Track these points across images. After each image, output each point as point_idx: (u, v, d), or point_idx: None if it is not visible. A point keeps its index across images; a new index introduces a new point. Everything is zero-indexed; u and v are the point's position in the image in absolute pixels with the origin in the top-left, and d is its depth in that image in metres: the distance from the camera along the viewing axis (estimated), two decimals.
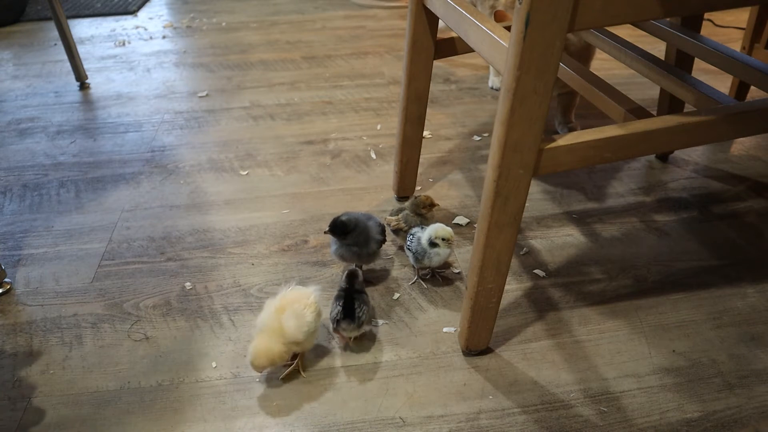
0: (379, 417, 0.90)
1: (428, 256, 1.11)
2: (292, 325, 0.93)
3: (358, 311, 0.98)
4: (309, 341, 0.97)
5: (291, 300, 0.97)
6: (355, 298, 0.99)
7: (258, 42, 2.48)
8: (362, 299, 1.00)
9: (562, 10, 0.70)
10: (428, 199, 1.22)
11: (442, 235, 1.10)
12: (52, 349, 1.03)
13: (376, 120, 1.80)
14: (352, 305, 0.98)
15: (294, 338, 0.94)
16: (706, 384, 0.95)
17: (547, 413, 0.90)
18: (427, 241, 1.10)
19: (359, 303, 0.99)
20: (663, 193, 1.43)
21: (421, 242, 1.11)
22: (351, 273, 1.03)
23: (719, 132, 0.89)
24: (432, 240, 1.10)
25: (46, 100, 1.98)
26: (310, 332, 0.95)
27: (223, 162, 1.59)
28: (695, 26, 1.35)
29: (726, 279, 1.16)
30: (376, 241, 1.12)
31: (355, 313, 0.98)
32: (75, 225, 1.35)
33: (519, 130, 0.78)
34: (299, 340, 0.94)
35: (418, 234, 1.13)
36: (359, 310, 0.98)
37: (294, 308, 0.95)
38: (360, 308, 0.98)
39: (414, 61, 1.20)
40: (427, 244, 1.10)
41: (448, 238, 1.10)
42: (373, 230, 1.12)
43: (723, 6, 0.82)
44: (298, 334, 0.93)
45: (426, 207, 1.22)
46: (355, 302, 0.99)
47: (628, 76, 2.04)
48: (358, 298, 1.00)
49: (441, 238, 1.09)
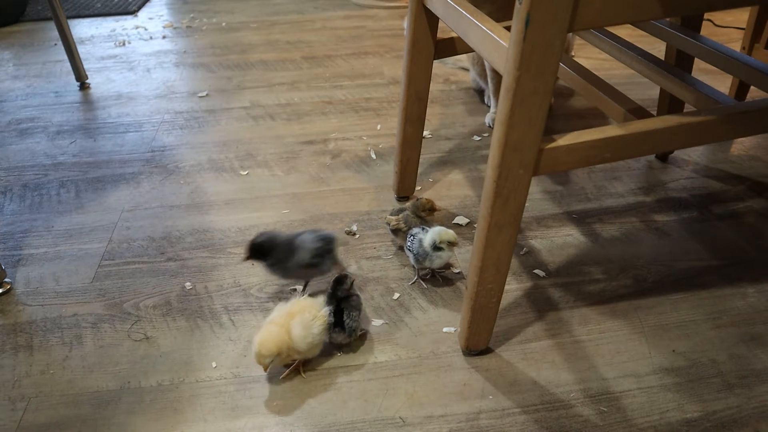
0: (379, 417, 0.90)
1: (430, 258, 1.11)
2: (297, 333, 0.93)
3: (347, 320, 0.97)
4: (311, 352, 0.96)
5: (302, 308, 0.96)
6: (343, 307, 0.98)
7: (258, 42, 2.48)
8: (351, 304, 0.99)
9: (562, 10, 0.70)
10: (429, 203, 1.22)
11: (447, 239, 1.10)
12: (52, 349, 1.04)
13: (376, 120, 1.80)
14: (341, 313, 0.98)
15: (297, 346, 0.93)
16: (706, 384, 0.95)
17: (547, 413, 0.90)
18: (430, 244, 1.10)
19: (348, 311, 0.98)
20: (663, 193, 1.43)
21: (423, 244, 1.11)
22: (337, 279, 1.02)
23: (719, 132, 0.89)
24: (436, 244, 1.10)
25: (46, 100, 1.98)
26: (313, 344, 0.95)
27: (223, 162, 1.59)
28: (695, 26, 1.35)
29: (726, 279, 1.16)
30: (309, 251, 1.06)
31: (344, 323, 0.97)
32: (75, 225, 1.36)
33: (519, 130, 0.78)
34: (301, 350, 0.94)
35: (419, 235, 1.12)
36: (348, 318, 0.97)
37: (304, 317, 0.95)
38: (349, 315, 0.98)
39: (414, 61, 1.20)
40: (430, 248, 1.10)
41: (453, 241, 1.10)
42: (307, 242, 1.07)
43: (723, 6, 0.82)
44: (301, 344, 0.93)
45: (426, 210, 1.22)
46: (344, 311, 0.98)
47: (628, 76, 2.04)
48: (346, 305, 0.99)
49: (446, 242, 1.10)
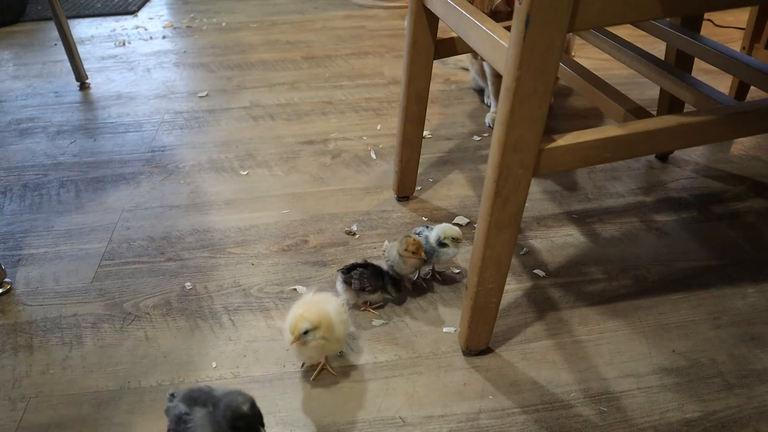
0: (379, 417, 0.90)
1: (436, 255, 1.11)
2: (334, 316, 0.92)
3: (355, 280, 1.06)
4: (340, 343, 0.95)
5: (327, 298, 0.96)
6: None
7: (258, 42, 2.48)
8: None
9: (562, 10, 0.70)
10: (415, 245, 1.08)
11: (452, 235, 1.10)
12: (52, 349, 1.03)
13: (376, 120, 1.80)
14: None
15: (336, 329, 0.92)
16: (706, 384, 0.95)
17: (547, 413, 0.90)
18: (436, 241, 1.10)
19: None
20: (663, 193, 1.43)
21: (430, 242, 1.11)
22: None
23: (719, 132, 0.89)
24: (441, 240, 1.10)
25: (46, 100, 1.98)
26: (346, 331, 0.94)
27: (223, 162, 1.59)
28: (695, 26, 1.35)
29: (726, 279, 1.16)
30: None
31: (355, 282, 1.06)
32: (75, 225, 1.35)
33: (519, 130, 0.78)
34: (338, 334, 0.92)
35: (424, 233, 1.13)
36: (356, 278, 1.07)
37: (332, 304, 0.94)
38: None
39: (414, 61, 1.20)
40: (436, 244, 1.10)
41: (458, 237, 1.11)
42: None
43: (723, 6, 0.82)
44: (339, 326, 0.92)
45: (408, 251, 1.07)
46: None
47: (628, 76, 2.04)
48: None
49: (451, 237, 1.10)
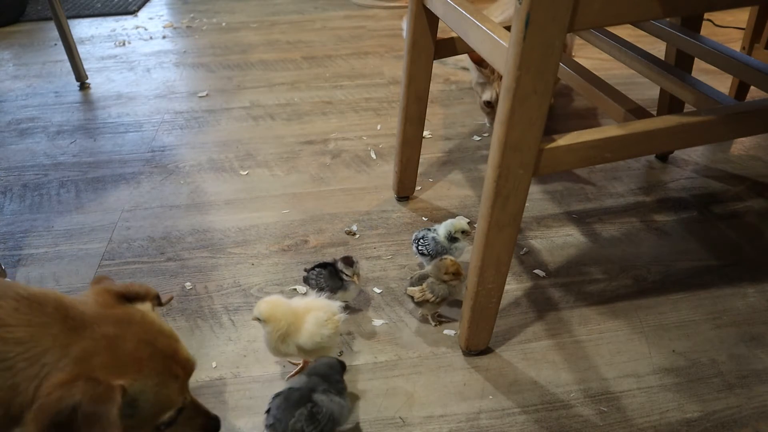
0: (379, 417, 0.90)
1: (451, 252, 1.11)
2: (309, 328, 0.89)
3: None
4: (315, 353, 0.92)
5: (320, 306, 0.93)
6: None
7: (258, 42, 2.48)
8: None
9: (562, 10, 0.70)
10: (455, 266, 1.01)
11: (461, 228, 1.11)
12: None
13: (376, 120, 1.80)
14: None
15: (303, 343, 0.90)
16: (706, 384, 0.95)
17: (547, 413, 0.90)
18: (446, 237, 1.11)
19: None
20: (663, 193, 1.43)
21: (439, 240, 1.11)
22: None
23: (719, 132, 0.89)
24: (453, 235, 1.10)
25: (46, 100, 1.98)
26: (320, 345, 0.91)
27: (223, 162, 1.59)
28: (695, 26, 1.35)
29: (726, 279, 1.16)
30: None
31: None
32: (75, 225, 1.35)
33: (519, 130, 0.78)
34: (306, 348, 0.90)
35: (430, 235, 1.12)
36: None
37: (318, 315, 0.91)
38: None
39: (414, 61, 1.20)
40: (448, 241, 1.10)
41: (467, 230, 1.11)
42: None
43: (723, 6, 0.82)
44: (308, 341, 0.89)
45: (450, 274, 1.01)
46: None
47: (628, 76, 2.04)
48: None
49: (461, 230, 1.10)
